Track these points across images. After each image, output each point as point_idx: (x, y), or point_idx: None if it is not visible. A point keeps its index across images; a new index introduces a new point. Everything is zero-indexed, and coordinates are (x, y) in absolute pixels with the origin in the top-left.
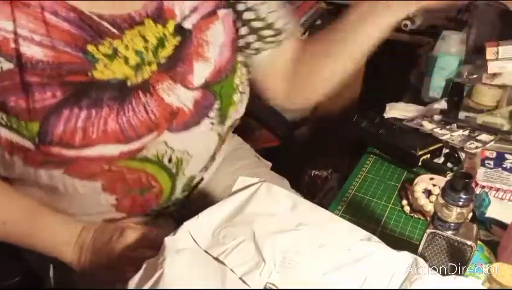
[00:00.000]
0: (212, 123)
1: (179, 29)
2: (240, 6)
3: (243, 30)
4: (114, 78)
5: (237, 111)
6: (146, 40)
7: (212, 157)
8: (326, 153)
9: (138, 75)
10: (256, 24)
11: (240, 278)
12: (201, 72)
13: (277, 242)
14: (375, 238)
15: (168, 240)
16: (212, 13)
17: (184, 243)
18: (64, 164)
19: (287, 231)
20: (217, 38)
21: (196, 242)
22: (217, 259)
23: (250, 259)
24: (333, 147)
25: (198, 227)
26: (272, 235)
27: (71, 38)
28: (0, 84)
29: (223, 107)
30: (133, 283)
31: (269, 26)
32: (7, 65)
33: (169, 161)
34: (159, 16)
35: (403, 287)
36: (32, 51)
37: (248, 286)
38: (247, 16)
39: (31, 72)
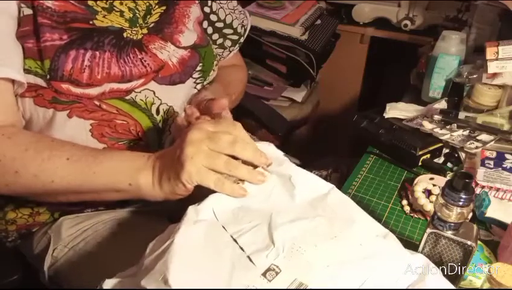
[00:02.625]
0: (195, 83)
1: (163, 0)
2: (206, 9)
3: (210, 29)
4: (112, 25)
5: (212, 76)
6: (136, 3)
7: None
8: (326, 153)
9: (133, 31)
10: (219, 24)
11: (248, 257)
12: (189, 35)
13: (290, 229)
14: (391, 235)
15: (191, 210)
16: None
17: (204, 215)
18: (71, 102)
19: (304, 219)
20: (194, 17)
21: (216, 216)
22: (231, 236)
23: (261, 241)
24: (333, 147)
25: (221, 202)
26: (286, 222)
27: None
28: (21, 29)
29: (205, 70)
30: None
31: (228, 26)
32: (27, 11)
33: (157, 112)
34: None
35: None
36: None
37: (254, 264)
38: (212, 17)
39: (43, 16)
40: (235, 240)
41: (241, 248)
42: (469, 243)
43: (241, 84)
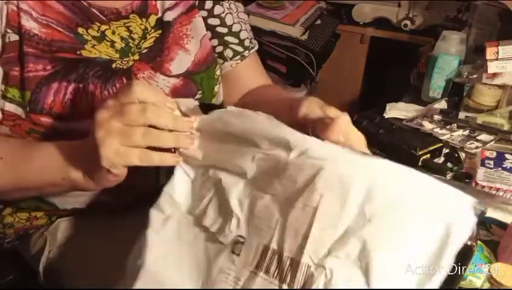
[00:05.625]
0: None
1: (160, 23)
2: (203, 13)
3: (208, 34)
4: (100, 57)
5: (217, 101)
6: (130, 31)
7: None
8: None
9: (123, 61)
10: (221, 30)
11: (216, 237)
12: (181, 62)
13: (241, 185)
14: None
15: (153, 213)
16: (192, 8)
17: (168, 210)
18: (48, 136)
19: (247, 167)
20: (197, 32)
21: (179, 205)
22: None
23: (222, 213)
24: None
25: (177, 187)
26: (235, 178)
27: (64, 19)
28: (6, 55)
29: (205, 97)
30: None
31: (233, 34)
32: (13, 37)
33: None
34: (144, 12)
35: None
36: (30, 25)
37: (222, 243)
38: (212, 21)
39: (28, 44)
40: (201, 223)
41: (209, 229)
42: (469, 243)
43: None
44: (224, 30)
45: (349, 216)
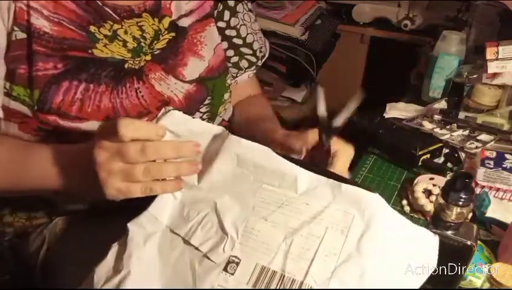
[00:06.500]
0: (201, 118)
1: (174, 26)
2: (221, 24)
3: (224, 44)
4: (112, 57)
5: (226, 110)
6: (143, 30)
7: None
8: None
9: (135, 61)
10: (237, 41)
11: (205, 256)
12: (194, 67)
13: (237, 210)
14: (330, 182)
15: (133, 228)
16: (208, 16)
17: (151, 227)
18: (57, 134)
19: (248, 196)
20: (211, 39)
21: (163, 223)
22: (183, 239)
23: (214, 234)
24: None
25: (162, 206)
26: (232, 204)
27: (76, 17)
28: (12, 53)
29: (214, 103)
30: (100, 271)
31: (248, 45)
32: (20, 35)
33: None
34: (157, 12)
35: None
36: (40, 23)
37: (213, 262)
38: (229, 33)
39: (38, 42)
40: (188, 242)
41: (197, 249)
42: (469, 243)
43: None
44: (239, 42)
45: (349, 248)
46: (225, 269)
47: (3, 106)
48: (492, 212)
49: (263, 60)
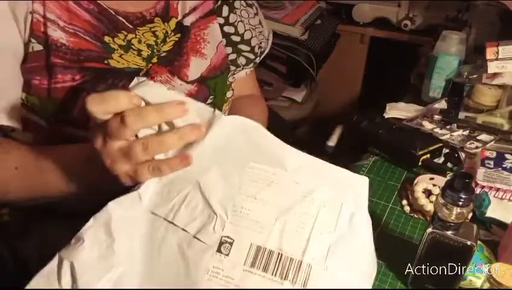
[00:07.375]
0: None
1: (179, 27)
2: (219, 20)
3: (224, 40)
4: (128, 67)
5: (228, 107)
6: (156, 36)
7: None
8: (326, 153)
9: (148, 66)
10: (235, 38)
11: (195, 237)
12: (197, 67)
13: (222, 188)
14: (318, 161)
15: (113, 207)
16: (211, 13)
17: (131, 208)
18: (73, 144)
19: (234, 175)
20: (214, 36)
21: (142, 204)
22: (165, 219)
23: (200, 213)
24: (333, 147)
25: (146, 186)
26: (216, 181)
27: (90, 28)
28: (28, 65)
29: (216, 102)
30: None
31: (245, 42)
32: (37, 46)
33: None
34: (166, 14)
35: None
36: (57, 35)
37: (204, 243)
38: (228, 29)
39: (56, 54)
40: (172, 223)
41: (184, 229)
42: (469, 243)
43: (260, 119)
44: (237, 39)
45: (343, 226)
46: (219, 250)
47: (21, 117)
48: (492, 212)
49: (263, 56)
